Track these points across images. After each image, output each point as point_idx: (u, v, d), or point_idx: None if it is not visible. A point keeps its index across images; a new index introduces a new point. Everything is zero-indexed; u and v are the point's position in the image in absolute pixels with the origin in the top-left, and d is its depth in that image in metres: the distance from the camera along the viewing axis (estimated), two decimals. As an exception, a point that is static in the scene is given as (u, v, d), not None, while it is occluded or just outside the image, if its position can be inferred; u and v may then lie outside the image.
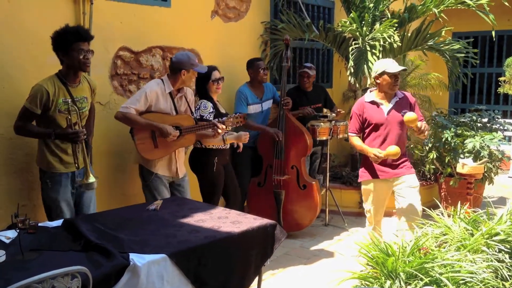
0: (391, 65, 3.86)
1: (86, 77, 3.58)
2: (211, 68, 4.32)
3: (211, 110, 4.24)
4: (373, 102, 3.98)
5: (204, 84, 4.32)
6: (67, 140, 3.29)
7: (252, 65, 4.99)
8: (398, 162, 3.94)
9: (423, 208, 3.64)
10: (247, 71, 5.04)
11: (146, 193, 3.97)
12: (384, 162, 3.92)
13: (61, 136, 3.29)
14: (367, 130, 4.01)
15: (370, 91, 4.07)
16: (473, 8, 5.26)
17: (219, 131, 3.87)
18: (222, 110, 4.42)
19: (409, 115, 3.74)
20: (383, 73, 3.86)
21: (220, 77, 4.34)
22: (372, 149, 3.87)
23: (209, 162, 4.27)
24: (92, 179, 3.17)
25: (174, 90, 3.92)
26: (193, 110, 4.11)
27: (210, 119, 4.14)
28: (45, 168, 3.40)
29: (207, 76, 4.28)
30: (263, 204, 5.01)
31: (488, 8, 5.15)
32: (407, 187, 3.91)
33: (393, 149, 3.75)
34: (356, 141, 4.05)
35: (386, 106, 3.94)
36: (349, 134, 4.13)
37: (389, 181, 3.98)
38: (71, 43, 3.26)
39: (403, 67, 3.91)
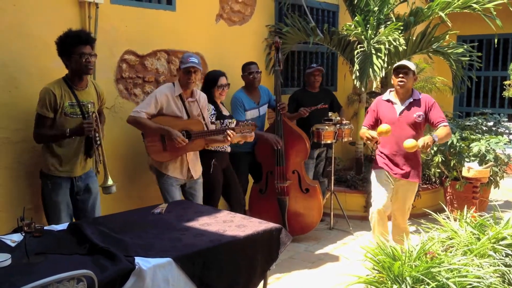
0: (396, 64, 4.02)
1: (94, 83, 3.60)
2: (219, 74, 4.39)
3: (212, 112, 4.30)
4: (388, 101, 4.07)
5: (210, 88, 4.36)
6: (81, 132, 3.32)
7: (243, 69, 4.92)
8: (408, 165, 4.00)
9: (428, 212, 3.62)
10: None
11: (161, 194, 4.03)
12: (395, 160, 4.01)
13: (76, 130, 3.32)
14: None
15: (390, 91, 4.14)
16: (479, 12, 5.24)
17: (229, 138, 3.88)
18: (225, 113, 4.44)
19: (407, 143, 3.74)
20: (392, 72, 4.04)
21: (225, 84, 4.37)
22: (369, 131, 4.01)
23: (206, 163, 4.31)
24: (110, 182, 3.40)
25: (184, 93, 3.93)
26: (205, 116, 4.10)
27: (212, 120, 4.21)
28: (46, 170, 3.43)
29: (213, 80, 4.34)
30: (265, 210, 4.95)
31: (495, 12, 5.14)
32: (402, 193, 4.07)
33: (384, 127, 3.78)
34: (362, 130, 4.16)
35: (400, 106, 4.01)
36: (362, 125, 4.25)
37: (397, 181, 4.06)
38: (72, 47, 3.30)
39: (401, 63, 3.99)
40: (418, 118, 3.94)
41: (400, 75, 3.94)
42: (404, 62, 4.02)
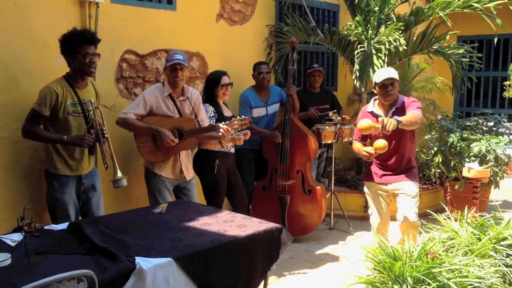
0: (380, 75, 3.71)
1: (91, 81, 3.60)
2: (221, 73, 4.36)
3: (212, 114, 4.27)
4: (372, 113, 3.85)
5: (212, 88, 4.35)
6: (80, 143, 3.32)
7: (254, 68, 5.01)
8: (401, 168, 3.86)
9: (428, 212, 3.61)
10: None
11: (149, 196, 3.98)
12: (386, 167, 3.87)
13: (75, 140, 3.32)
14: (371, 141, 3.85)
15: (374, 100, 3.92)
16: (480, 12, 5.24)
17: (221, 132, 3.78)
18: (227, 114, 4.41)
19: (377, 143, 3.56)
20: (375, 83, 3.76)
21: (229, 83, 4.35)
22: (364, 148, 3.77)
23: (210, 164, 4.30)
24: (119, 174, 3.35)
25: (174, 92, 3.90)
26: (200, 113, 4.08)
27: (211, 123, 4.16)
28: (52, 170, 3.42)
29: (216, 80, 4.32)
30: (268, 208, 4.99)
31: (496, 12, 5.13)
32: (403, 195, 3.85)
33: (380, 143, 3.58)
34: (355, 145, 3.98)
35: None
36: (353, 140, 4.07)
37: (387, 186, 3.90)
38: (76, 46, 3.30)
39: (387, 76, 3.66)
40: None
41: (388, 89, 3.68)
42: (389, 73, 3.69)
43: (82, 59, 3.30)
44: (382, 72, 3.75)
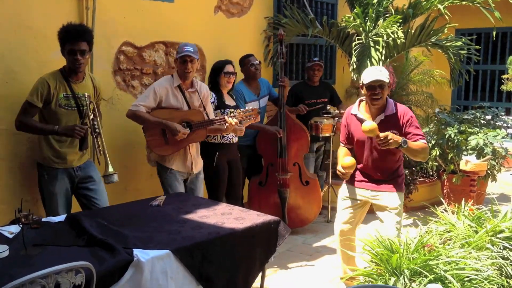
0: (369, 75, 3.26)
1: (91, 76, 3.58)
2: (226, 62, 4.38)
3: (212, 100, 4.28)
4: (356, 117, 3.40)
5: (216, 76, 4.36)
6: (71, 133, 3.29)
7: (242, 62, 4.89)
8: (383, 177, 3.43)
9: (426, 205, 3.62)
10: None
11: (164, 190, 3.97)
12: (367, 172, 3.48)
13: (66, 130, 3.30)
14: (354, 146, 3.51)
15: (360, 101, 3.47)
16: (478, 5, 5.23)
17: (227, 125, 3.83)
18: (229, 102, 4.39)
19: (365, 125, 3.15)
20: (362, 83, 3.32)
21: (232, 72, 4.34)
22: (339, 163, 3.39)
23: (209, 156, 4.29)
24: (111, 169, 3.32)
25: (183, 84, 3.90)
26: (208, 106, 4.06)
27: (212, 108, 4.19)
28: (42, 162, 3.43)
29: (219, 68, 4.34)
30: (265, 203, 4.99)
31: (494, 5, 5.13)
32: (383, 207, 3.41)
33: (347, 161, 3.29)
34: (340, 152, 3.57)
35: None
36: (340, 143, 3.65)
37: (366, 192, 3.48)
38: (63, 42, 3.27)
39: (375, 78, 3.21)
40: None
41: (376, 91, 3.23)
42: (378, 74, 3.24)
43: (68, 56, 3.27)
44: (371, 72, 3.29)
